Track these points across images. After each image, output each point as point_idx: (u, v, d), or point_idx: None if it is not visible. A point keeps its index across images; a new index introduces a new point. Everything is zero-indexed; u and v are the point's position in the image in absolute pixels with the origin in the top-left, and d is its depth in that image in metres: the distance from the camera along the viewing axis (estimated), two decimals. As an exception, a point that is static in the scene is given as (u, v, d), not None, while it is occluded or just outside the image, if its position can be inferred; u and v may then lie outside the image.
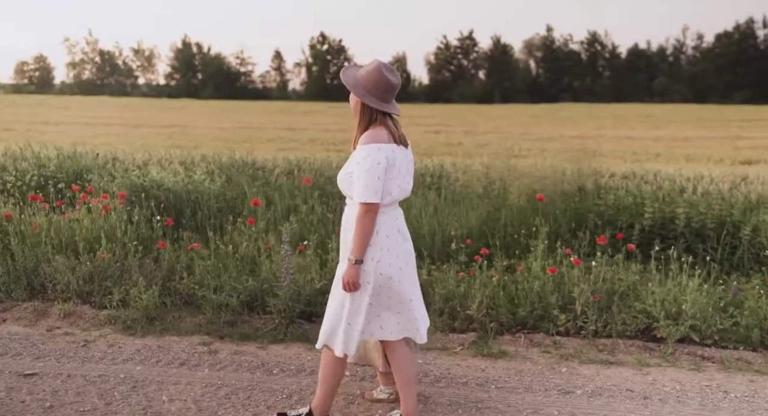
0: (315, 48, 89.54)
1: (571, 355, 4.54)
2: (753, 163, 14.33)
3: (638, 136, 22.76)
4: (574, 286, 4.92)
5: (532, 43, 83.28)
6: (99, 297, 5.38)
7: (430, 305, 5.07)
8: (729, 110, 42.48)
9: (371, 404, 3.84)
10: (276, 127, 25.41)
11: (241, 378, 4.15)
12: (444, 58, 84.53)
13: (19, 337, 4.82)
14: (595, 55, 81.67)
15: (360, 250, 3.21)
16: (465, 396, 3.91)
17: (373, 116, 3.27)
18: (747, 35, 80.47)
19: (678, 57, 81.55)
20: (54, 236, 5.95)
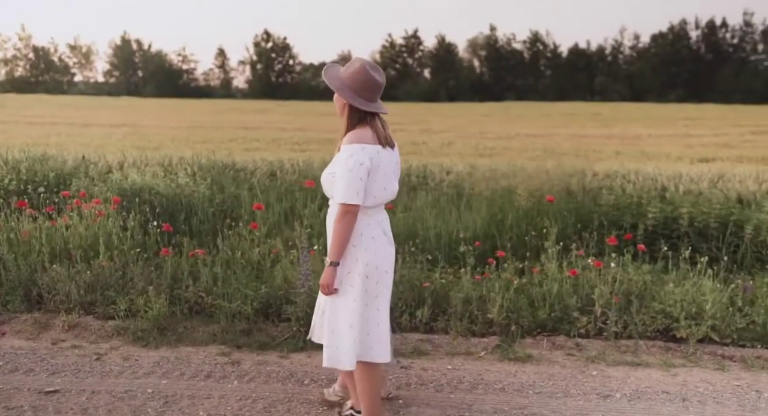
0: (259, 46, 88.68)
1: (596, 357, 4.57)
2: (710, 160, 14.76)
3: (591, 135, 23.21)
4: (592, 288, 4.96)
5: (476, 42, 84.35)
6: (102, 307, 5.17)
7: (446, 309, 5.07)
8: (671, 109, 43.73)
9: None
10: (231, 126, 24.98)
11: (274, 390, 4.03)
12: (389, 57, 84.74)
13: (25, 352, 4.58)
14: (537, 55, 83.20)
15: (338, 252, 3.15)
16: (507, 403, 3.89)
17: (361, 117, 3.20)
18: (680, 36, 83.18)
19: (616, 57, 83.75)
20: (45, 243, 5.70)
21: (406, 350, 4.68)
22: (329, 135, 20.71)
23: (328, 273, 3.18)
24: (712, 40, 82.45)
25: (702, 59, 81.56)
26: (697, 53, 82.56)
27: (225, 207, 6.79)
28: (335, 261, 3.16)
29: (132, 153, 11.00)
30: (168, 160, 9.21)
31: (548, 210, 6.00)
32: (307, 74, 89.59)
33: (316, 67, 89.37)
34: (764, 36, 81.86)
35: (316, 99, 68.87)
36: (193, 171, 8.17)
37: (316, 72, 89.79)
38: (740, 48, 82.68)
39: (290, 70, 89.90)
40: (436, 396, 3.96)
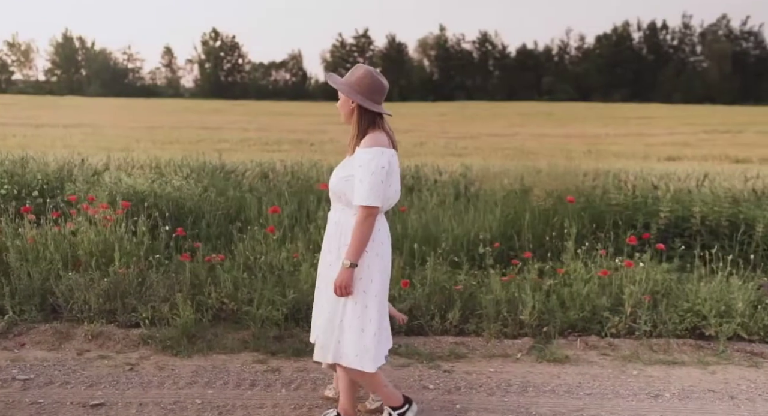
0: (207, 44, 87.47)
1: (631, 357, 4.63)
2: (675, 159, 15.17)
3: (551, 134, 23.59)
4: (620, 288, 5.03)
5: (426, 42, 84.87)
6: (124, 315, 5.01)
7: (475, 311, 5.07)
8: (619, 108, 44.73)
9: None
10: (191, 126, 24.55)
11: (316, 397, 3.97)
12: (340, 56, 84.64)
13: (52, 363, 4.41)
14: (486, 55, 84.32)
15: (357, 254, 3.17)
16: (562, 405, 3.91)
17: (370, 120, 3.23)
18: (624, 37, 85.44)
19: (562, 57, 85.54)
20: (54, 250, 5.49)
21: (443, 353, 4.67)
22: (296, 135, 20.59)
23: (347, 274, 3.18)
24: (654, 42, 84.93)
25: (644, 60, 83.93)
26: (640, 54, 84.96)
27: (231, 210, 6.65)
28: (355, 262, 3.17)
29: (102, 154, 10.75)
30: (155, 162, 9.00)
31: (562, 210, 6.06)
32: (257, 73, 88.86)
33: (265, 66, 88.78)
34: (702, 38, 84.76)
35: (267, 98, 68.38)
36: (185, 173, 7.98)
37: (266, 71, 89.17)
38: (680, 49, 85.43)
39: (240, 69, 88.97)
40: (491, 400, 3.96)
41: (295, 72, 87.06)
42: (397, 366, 4.46)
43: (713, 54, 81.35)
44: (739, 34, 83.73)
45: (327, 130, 24.49)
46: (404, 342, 4.82)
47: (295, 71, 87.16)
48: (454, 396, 4.02)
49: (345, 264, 3.17)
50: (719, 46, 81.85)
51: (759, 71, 78.50)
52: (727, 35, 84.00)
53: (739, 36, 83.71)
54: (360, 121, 3.24)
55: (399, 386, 3.97)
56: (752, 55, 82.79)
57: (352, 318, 3.29)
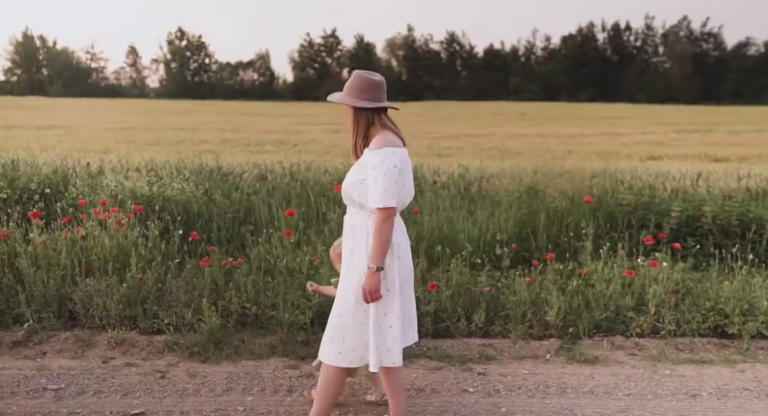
0: (173, 43, 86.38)
1: (658, 357, 4.67)
2: (657, 158, 15.38)
3: (527, 134, 23.78)
4: (643, 287, 5.08)
5: (394, 42, 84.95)
6: (145, 321, 4.91)
7: (499, 312, 5.08)
8: (588, 108, 45.24)
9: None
10: (166, 127, 24.20)
11: (369, 402, 3.94)
12: (308, 56, 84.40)
13: (79, 372, 4.30)
14: (454, 55, 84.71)
15: (382, 257, 3.14)
16: (605, 406, 3.93)
17: (369, 119, 3.23)
18: (588, 38, 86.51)
19: (529, 57, 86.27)
20: (66, 256, 5.36)
21: (472, 355, 4.67)
22: (276, 136, 20.43)
23: (374, 279, 3.14)
24: (618, 43, 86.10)
25: (609, 60, 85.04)
26: (604, 55, 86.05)
27: (239, 213, 6.56)
28: (381, 266, 3.14)
29: (86, 156, 10.54)
30: (149, 164, 8.85)
31: (575, 211, 6.10)
32: (224, 73, 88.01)
33: (233, 66, 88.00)
34: (664, 39, 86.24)
35: (234, 98, 67.76)
36: (185, 176, 7.85)
37: (233, 71, 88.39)
38: (643, 50, 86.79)
39: (206, 69, 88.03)
40: (533, 403, 3.97)
41: (263, 72, 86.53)
42: (430, 369, 4.45)
43: (675, 55, 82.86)
44: (699, 36, 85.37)
45: (303, 130, 24.38)
46: (432, 345, 4.80)
47: (262, 71, 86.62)
48: (495, 398, 4.02)
49: (371, 268, 3.13)
50: (680, 47, 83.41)
51: (718, 72, 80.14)
52: (687, 36, 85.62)
53: (699, 37, 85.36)
54: (357, 124, 3.24)
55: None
56: (712, 56, 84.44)
57: (378, 319, 3.24)
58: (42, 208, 6.30)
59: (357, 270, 3.24)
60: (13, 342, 4.67)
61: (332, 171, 9.04)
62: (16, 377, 4.21)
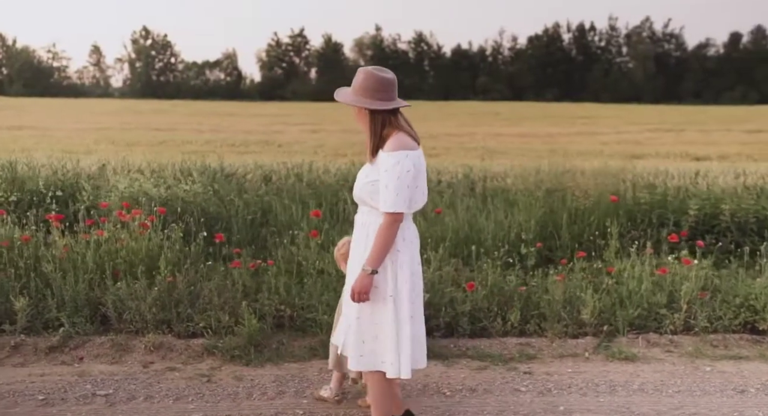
0: (137, 43, 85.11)
1: (695, 353, 4.73)
2: (640, 157, 15.62)
3: (507, 133, 23.97)
4: (674, 284, 5.16)
5: (362, 42, 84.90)
6: (179, 325, 4.84)
7: (530, 311, 5.11)
8: (559, 107, 45.76)
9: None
10: (141, 127, 23.86)
11: (427, 404, 3.94)
12: (275, 56, 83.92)
13: (121, 377, 4.22)
14: (422, 55, 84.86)
15: (379, 261, 3.08)
16: (659, 403, 3.98)
17: (384, 120, 3.13)
18: (554, 38, 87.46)
19: (496, 57, 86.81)
20: (90, 259, 5.25)
21: (512, 354, 4.70)
22: (256, 136, 20.27)
23: (367, 280, 3.07)
24: (583, 43, 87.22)
25: (574, 60, 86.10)
26: (570, 55, 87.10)
27: (257, 214, 6.51)
28: (375, 269, 3.08)
29: (70, 158, 10.34)
30: (151, 165, 8.73)
31: (596, 210, 6.17)
32: (190, 73, 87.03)
33: (199, 66, 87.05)
34: (628, 39, 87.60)
35: (201, 98, 67.06)
36: (195, 177, 7.76)
37: (200, 70, 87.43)
38: (607, 50, 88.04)
39: (172, 68, 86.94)
40: (587, 401, 4.00)
41: (230, 71, 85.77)
42: (475, 369, 4.46)
43: (638, 55, 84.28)
44: (661, 37, 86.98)
45: (282, 130, 24.24)
46: (471, 345, 4.82)
47: (229, 71, 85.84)
48: (549, 397, 4.04)
49: (366, 270, 3.07)
50: (643, 47, 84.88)
51: (680, 72, 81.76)
52: (650, 37, 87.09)
53: (661, 38, 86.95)
54: (374, 126, 3.13)
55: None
56: (673, 56, 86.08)
57: (388, 323, 3.18)
58: (56, 211, 6.17)
59: (385, 271, 3.16)
60: (49, 348, 4.57)
61: (335, 171, 9.02)
62: (59, 383, 4.12)
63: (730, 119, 34.12)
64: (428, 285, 5.07)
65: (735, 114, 39.82)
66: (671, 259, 5.36)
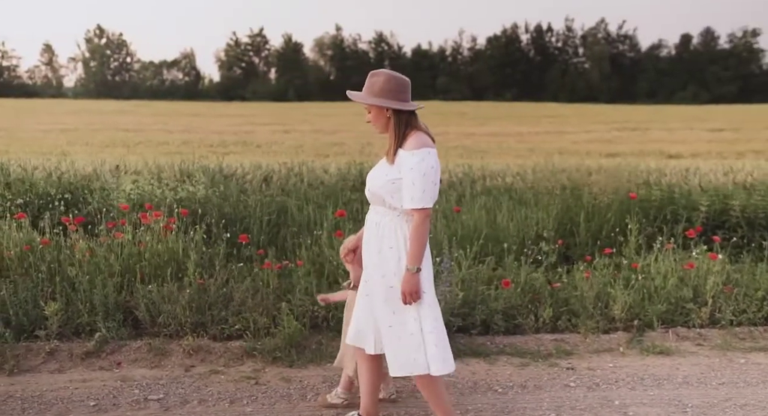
0: (92, 42, 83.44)
1: (725, 346, 4.85)
2: (615, 155, 15.91)
3: (479, 132, 24.15)
4: (699, 279, 5.28)
5: (323, 41, 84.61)
6: (214, 327, 4.77)
7: (559, 308, 5.18)
8: (525, 107, 46.27)
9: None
10: (108, 128, 23.36)
11: (482, 401, 3.96)
12: (234, 55, 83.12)
13: (165, 381, 4.16)
14: (383, 55, 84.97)
15: (420, 258, 3.14)
16: (707, 395, 4.06)
17: (407, 121, 3.20)
18: (513, 39, 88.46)
19: (456, 57, 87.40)
20: (114, 262, 5.15)
21: (550, 350, 4.75)
22: (229, 137, 20.04)
23: (415, 280, 3.13)
24: (540, 44, 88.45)
25: (532, 61, 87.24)
26: (528, 55, 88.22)
27: (273, 214, 6.45)
28: (420, 267, 3.14)
29: (46, 159, 10.17)
30: (149, 166, 8.59)
31: (613, 207, 6.28)
32: (147, 72, 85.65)
33: (156, 65, 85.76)
34: (584, 40, 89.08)
35: (159, 98, 66.03)
36: (199, 179, 7.66)
37: (157, 70, 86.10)
38: (564, 51, 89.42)
39: (128, 68, 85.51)
40: (638, 395, 4.06)
41: (188, 71, 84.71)
42: (517, 365, 4.50)
43: (593, 56, 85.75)
44: (616, 37, 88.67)
45: (254, 130, 24.03)
46: (507, 342, 4.86)
47: (188, 70, 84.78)
48: (599, 392, 4.10)
49: (410, 269, 3.11)
50: (599, 48, 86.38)
51: (634, 72, 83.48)
52: (605, 38, 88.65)
53: (616, 39, 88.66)
54: (398, 126, 3.18)
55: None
56: (628, 57, 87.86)
57: (414, 321, 3.21)
58: (62, 213, 6.03)
59: (387, 270, 3.21)
60: (85, 353, 4.46)
61: (334, 172, 9.01)
62: (105, 388, 4.03)
63: (688, 118, 34.97)
64: (462, 284, 5.11)
65: (692, 113, 40.86)
66: (695, 254, 5.48)
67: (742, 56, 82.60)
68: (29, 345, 4.48)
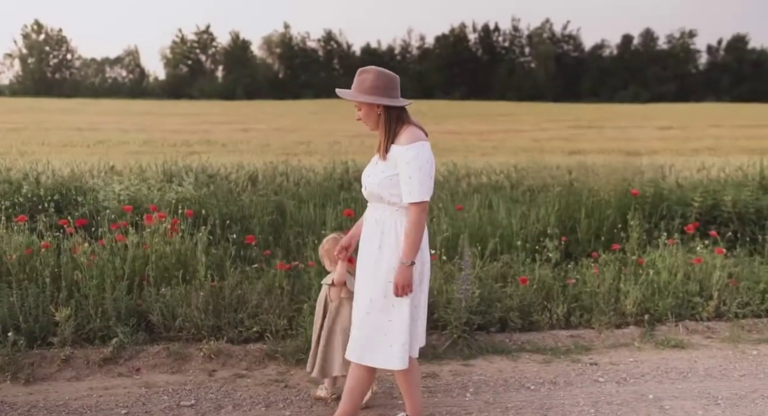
0: (29, 37, 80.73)
1: (734, 338, 4.98)
2: (578, 153, 16.18)
3: (439, 131, 24.13)
4: (703, 273, 5.41)
5: (271, 39, 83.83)
6: (231, 330, 4.66)
7: (570, 304, 5.23)
8: (479, 106, 46.65)
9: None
10: (59, 127, 22.63)
11: (518, 398, 3.97)
12: (181, 53, 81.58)
13: (191, 387, 4.05)
14: (332, 53, 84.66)
15: (415, 252, 3.13)
16: (735, 387, 4.15)
17: (398, 117, 3.21)
18: (461, 38, 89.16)
19: (405, 56, 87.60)
20: (123, 266, 4.98)
21: (568, 346, 4.80)
22: (189, 136, 19.66)
23: (408, 272, 3.13)
24: (488, 43, 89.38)
25: (479, 60, 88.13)
26: (476, 54, 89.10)
27: (273, 214, 6.35)
28: (414, 260, 3.13)
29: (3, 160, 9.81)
30: (129, 167, 8.36)
31: (611, 204, 6.37)
32: (89, 70, 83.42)
33: (98, 63, 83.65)
34: (530, 40, 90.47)
35: (102, 97, 64.40)
36: (190, 179, 7.48)
37: (99, 68, 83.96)
38: (511, 50, 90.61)
39: (68, 65, 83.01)
40: (668, 388, 4.13)
41: (132, 69, 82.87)
42: (541, 362, 4.53)
43: (539, 55, 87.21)
44: (561, 38, 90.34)
45: (211, 129, 23.65)
46: (525, 339, 4.89)
47: (131, 68, 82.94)
48: (629, 386, 4.16)
49: (405, 262, 3.11)
50: (544, 48, 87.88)
51: (578, 72, 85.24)
52: (550, 38, 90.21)
53: (560, 39, 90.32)
54: (389, 123, 3.18)
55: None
56: (572, 56, 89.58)
57: (403, 316, 3.20)
58: (52, 216, 5.81)
59: (389, 265, 3.17)
60: (102, 360, 4.30)
61: (319, 170, 8.93)
62: (131, 395, 3.91)
63: (636, 116, 35.78)
64: (477, 282, 5.11)
65: (638, 112, 41.86)
66: (699, 249, 5.60)
67: (679, 56, 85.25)
68: (42, 353, 4.31)
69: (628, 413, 3.79)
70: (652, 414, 3.78)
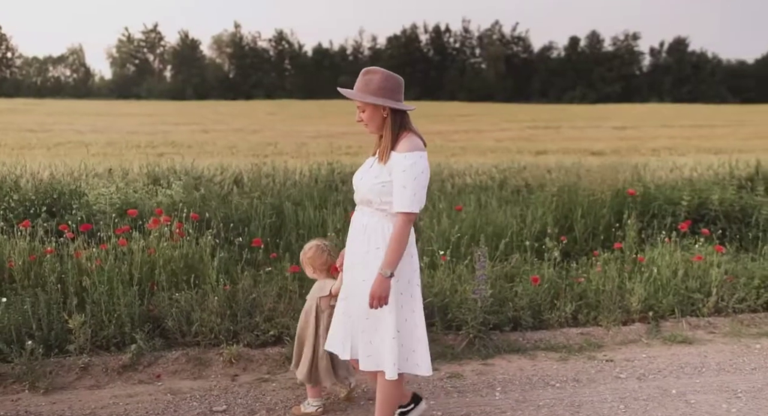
0: (-33, 35, 78.05)
1: (735, 332, 5.13)
2: (543, 153, 16.41)
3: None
4: (701, 270, 5.56)
5: (221, 39, 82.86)
6: (250, 334, 4.60)
7: (576, 302, 5.32)
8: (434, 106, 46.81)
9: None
10: (10, 129, 21.92)
11: (541, 398, 4.01)
12: (127, 52, 80.00)
13: (217, 393, 4.00)
14: (283, 53, 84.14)
15: (396, 263, 3.02)
16: (752, 381, 4.27)
17: (402, 121, 3.14)
18: (412, 39, 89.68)
19: (357, 57, 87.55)
20: (125, 271, 4.87)
21: (581, 344, 4.89)
22: (149, 138, 19.28)
23: (386, 284, 3.01)
24: (439, 44, 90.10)
25: (431, 61, 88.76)
26: (427, 55, 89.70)
27: (273, 216, 6.28)
28: (393, 272, 3.03)
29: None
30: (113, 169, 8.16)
31: (606, 204, 6.50)
32: (31, 69, 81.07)
33: (41, 61, 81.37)
34: (480, 41, 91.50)
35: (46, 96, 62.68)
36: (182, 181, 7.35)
37: (42, 67, 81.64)
38: (462, 51, 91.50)
39: (9, 63, 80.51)
40: (687, 383, 4.23)
41: (77, 68, 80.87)
42: (558, 360, 4.60)
43: (490, 56, 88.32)
44: (510, 39, 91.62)
45: (171, 130, 23.24)
46: (537, 337, 4.95)
47: (76, 67, 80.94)
48: (651, 382, 4.25)
49: (383, 273, 3.00)
50: (494, 49, 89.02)
51: (527, 73, 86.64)
52: (500, 39, 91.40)
53: (510, 40, 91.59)
54: (394, 126, 3.11)
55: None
56: (521, 57, 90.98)
57: (392, 326, 3.14)
58: (45, 220, 5.65)
59: (374, 271, 3.06)
60: (122, 367, 4.20)
61: (306, 172, 8.87)
62: (159, 403, 3.83)
63: (589, 117, 36.55)
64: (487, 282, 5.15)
65: (591, 112, 42.80)
66: (697, 247, 5.76)
67: (624, 58, 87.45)
68: (60, 361, 4.18)
69: (657, 408, 3.87)
70: (679, 408, 3.88)
